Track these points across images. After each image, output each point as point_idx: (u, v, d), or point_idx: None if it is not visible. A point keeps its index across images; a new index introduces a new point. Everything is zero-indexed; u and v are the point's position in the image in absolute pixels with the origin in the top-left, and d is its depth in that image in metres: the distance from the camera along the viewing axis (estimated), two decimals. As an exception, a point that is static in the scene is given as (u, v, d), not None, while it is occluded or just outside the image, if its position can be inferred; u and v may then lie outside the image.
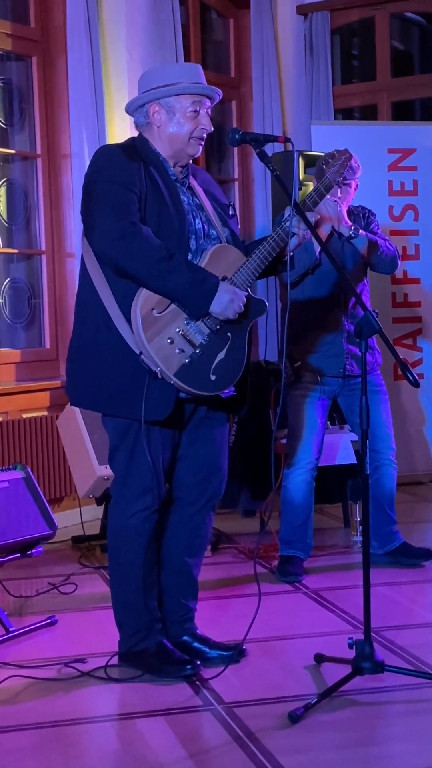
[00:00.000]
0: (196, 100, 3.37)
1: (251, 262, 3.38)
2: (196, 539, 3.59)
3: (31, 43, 5.86)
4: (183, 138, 3.38)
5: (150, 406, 3.27)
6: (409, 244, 6.54)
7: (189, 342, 3.26)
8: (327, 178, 3.61)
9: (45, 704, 3.28)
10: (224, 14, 7.29)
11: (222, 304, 3.25)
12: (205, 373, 3.28)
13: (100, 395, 3.36)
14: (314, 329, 4.63)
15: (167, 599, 3.58)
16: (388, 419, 4.73)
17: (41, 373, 5.85)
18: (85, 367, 3.39)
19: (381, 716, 3.14)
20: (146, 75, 3.47)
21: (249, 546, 5.13)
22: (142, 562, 3.44)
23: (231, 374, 3.34)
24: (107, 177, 3.28)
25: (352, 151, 4.45)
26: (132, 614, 3.49)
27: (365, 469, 3.31)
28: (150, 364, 3.23)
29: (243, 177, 7.30)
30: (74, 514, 5.47)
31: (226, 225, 3.48)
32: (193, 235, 3.37)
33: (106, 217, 3.22)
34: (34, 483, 4.17)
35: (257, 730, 3.03)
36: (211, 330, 3.30)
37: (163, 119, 3.39)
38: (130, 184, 3.26)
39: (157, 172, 3.36)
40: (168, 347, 3.23)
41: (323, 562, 4.85)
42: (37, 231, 5.97)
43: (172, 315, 3.26)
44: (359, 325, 3.27)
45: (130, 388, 3.28)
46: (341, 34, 7.87)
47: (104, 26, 5.96)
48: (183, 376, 3.24)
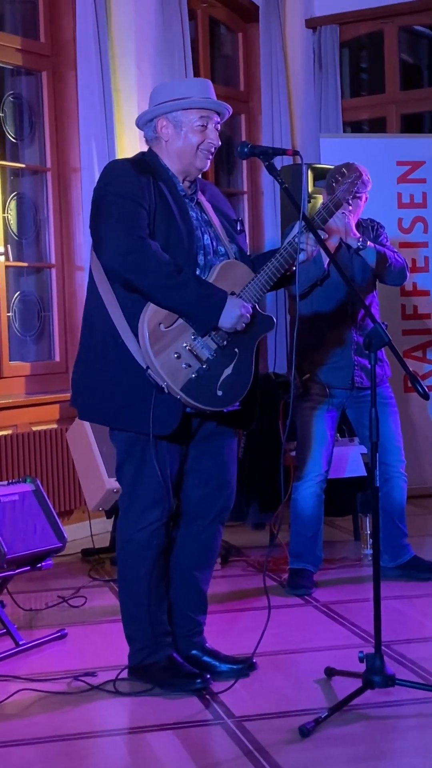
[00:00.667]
0: (203, 114, 3.38)
1: (259, 278, 3.38)
2: (205, 553, 3.59)
3: (41, 57, 5.89)
4: (190, 151, 3.38)
5: (157, 421, 3.26)
6: (418, 256, 6.54)
7: (196, 357, 3.26)
8: (337, 196, 3.61)
9: (54, 718, 3.28)
10: (233, 28, 7.31)
11: (231, 318, 3.26)
12: (212, 389, 3.28)
13: (108, 409, 3.37)
14: (323, 341, 4.63)
15: (176, 613, 3.57)
16: (397, 431, 4.72)
17: (51, 386, 5.86)
18: (92, 381, 3.40)
19: (392, 730, 3.13)
20: (156, 90, 3.48)
21: (259, 559, 5.12)
22: (150, 575, 3.43)
23: (238, 390, 3.34)
24: (116, 192, 3.29)
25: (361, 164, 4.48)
26: (141, 628, 3.48)
27: (375, 482, 3.30)
28: (157, 379, 3.23)
29: (252, 190, 7.31)
30: (84, 526, 5.47)
31: (234, 241, 3.48)
32: (201, 250, 3.37)
33: (115, 232, 3.23)
34: (43, 496, 4.17)
35: (267, 744, 3.02)
36: (218, 345, 3.30)
37: (170, 133, 3.40)
38: (139, 198, 3.27)
39: (166, 187, 3.36)
40: (175, 362, 3.23)
41: (333, 575, 4.83)
42: (47, 244, 5.99)
43: (179, 330, 3.26)
44: (369, 337, 3.27)
45: (137, 402, 3.28)
46: (350, 47, 7.89)
47: (114, 41, 5.99)
48: (189, 391, 3.24)
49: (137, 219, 3.24)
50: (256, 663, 3.58)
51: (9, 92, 5.88)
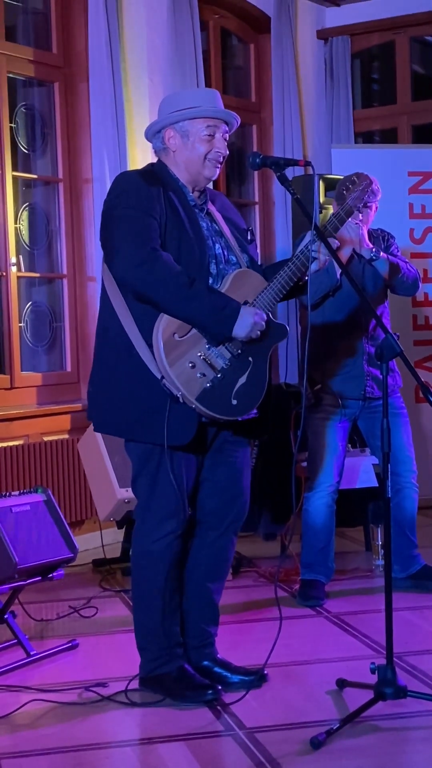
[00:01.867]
0: (210, 124, 3.38)
1: (272, 287, 3.38)
2: (218, 564, 3.58)
3: (54, 69, 5.91)
4: (198, 160, 3.39)
5: (172, 431, 3.27)
6: (430, 266, 6.53)
7: (210, 366, 3.27)
8: (348, 204, 3.61)
9: (66, 729, 3.27)
10: (245, 39, 7.33)
11: (245, 327, 3.26)
12: (227, 398, 3.28)
13: (123, 421, 3.37)
14: (334, 352, 4.62)
15: (188, 624, 3.57)
16: (408, 442, 4.71)
17: (62, 396, 5.86)
18: (107, 393, 3.40)
19: (404, 742, 3.11)
20: (164, 101, 3.50)
21: (270, 570, 5.12)
22: (164, 587, 3.43)
23: (252, 399, 3.34)
24: (127, 203, 3.29)
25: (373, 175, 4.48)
26: (153, 638, 3.48)
27: (387, 493, 3.29)
28: (171, 389, 3.23)
29: (263, 201, 7.32)
30: (95, 537, 5.47)
31: (245, 250, 3.48)
32: (213, 260, 3.37)
33: (126, 244, 3.23)
34: (55, 506, 4.17)
35: (279, 755, 3.01)
36: (232, 354, 3.31)
37: (178, 143, 3.40)
38: (150, 210, 3.27)
39: (177, 198, 3.37)
40: (189, 371, 3.23)
41: (345, 586, 4.82)
42: (59, 255, 6.00)
43: (193, 339, 3.26)
44: (380, 348, 3.26)
45: (152, 413, 3.28)
46: (361, 58, 7.90)
47: (126, 52, 6.01)
48: (204, 401, 3.24)
49: (148, 230, 3.25)
50: (268, 674, 3.57)
51: (21, 103, 5.90)
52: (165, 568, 3.42)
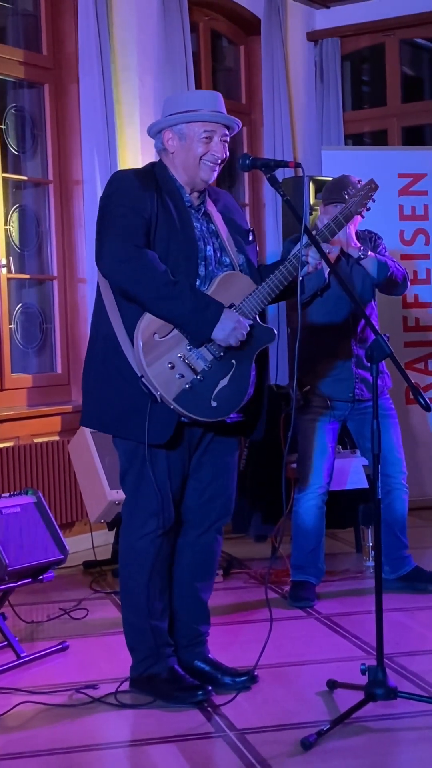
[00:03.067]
0: (208, 128, 3.39)
1: (260, 290, 3.38)
2: (204, 562, 3.59)
3: (44, 70, 5.91)
4: (194, 162, 3.39)
5: (152, 430, 3.28)
6: (420, 268, 6.55)
7: (190, 368, 3.27)
8: (348, 208, 3.62)
9: (56, 730, 3.27)
10: (235, 41, 7.34)
11: (225, 331, 3.26)
12: (206, 400, 3.29)
13: (107, 417, 3.40)
14: (323, 353, 4.63)
15: (177, 623, 3.58)
16: (398, 443, 4.72)
17: (53, 398, 5.86)
18: (94, 388, 3.43)
19: (394, 743, 3.12)
20: (166, 101, 3.52)
21: (261, 571, 5.12)
22: (149, 585, 3.44)
23: (233, 401, 3.34)
24: (117, 202, 3.32)
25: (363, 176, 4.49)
26: (141, 638, 3.49)
27: (377, 494, 3.30)
28: (150, 388, 3.25)
29: (254, 202, 7.33)
30: (86, 539, 5.46)
31: (242, 252, 3.49)
32: (203, 261, 3.37)
33: (113, 241, 3.26)
34: (45, 508, 4.17)
35: (270, 757, 3.01)
36: (214, 356, 3.31)
37: (176, 145, 3.42)
38: (139, 209, 3.29)
39: (172, 198, 3.38)
40: (168, 372, 3.24)
41: (335, 588, 4.83)
42: (49, 257, 6.00)
43: (174, 340, 3.27)
44: (370, 349, 3.27)
45: (134, 411, 3.30)
46: (351, 60, 7.91)
47: (116, 53, 6.01)
48: (182, 402, 3.25)
49: (136, 228, 3.27)
50: (258, 675, 3.57)
51: (11, 105, 5.89)
52: (149, 566, 3.42)
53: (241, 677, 3.52)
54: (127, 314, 3.31)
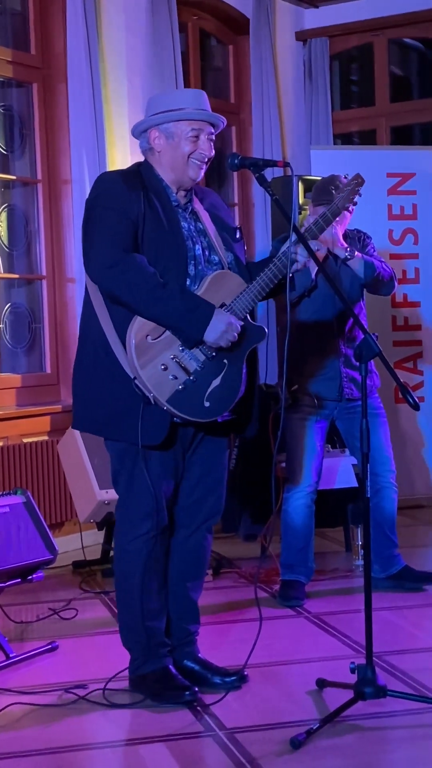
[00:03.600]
0: (195, 126, 3.39)
1: (251, 289, 3.38)
2: (193, 562, 3.59)
3: (32, 69, 5.90)
4: (182, 161, 3.39)
5: (145, 431, 3.28)
6: (408, 267, 6.56)
7: (183, 369, 3.27)
8: (336, 204, 3.62)
9: (45, 730, 3.27)
10: (223, 41, 7.34)
11: (216, 332, 3.26)
12: (199, 400, 3.29)
13: (99, 419, 3.39)
14: (311, 352, 4.63)
15: (167, 623, 3.57)
16: (387, 442, 4.73)
17: (42, 397, 5.85)
18: (84, 391, 3.42)
19: (383, 742, 3.12)
20: (151, 100, 3.50)
21: (250, 570, 5.12)
22: (142, 586, 3.43)
23: (226, 401, 3.34)
24: (103, 204, 3.31)
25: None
26: (135, 638, 3.49)
27: (366, 493, 3.30)
28: (143, 390, 3.24)
29: (243, 202, 7.33)
30: (75, 538, 5.46)
31: (230, 250, 3.48)
32: (192, 260, 3.37)
33: (100, 245, 3.26)
34: (34, 508, 4.16)
35: (259, 756, 3.01)
36: (206, 357, 3.31)
37: (162, 144, 3.41)
38: (126, 211, 3.28)
39: (158, 198, 3.37)
40: (161, 373, 3.24)
41: (325, 587, 4.83)
42: (38, 256, 5.99)
43: (166, 341, 3.27)
44: (359, 348, 3.28)
45: (126, 412, 3.30)
46: (340, 59, 7.92)
47: (104, 53, 6.00)
48: (176, 403, 3.25)
49: (123, 232, 3.27)
50: (248, 675, 3.57)
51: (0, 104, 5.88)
52: (142, 566, 3.42)
53: (231, 677, 3.52)
54: (117, 317, 3.30)
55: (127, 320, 3.26)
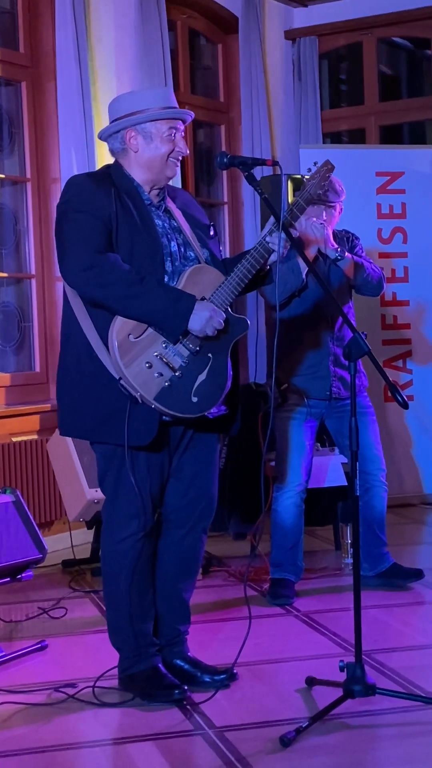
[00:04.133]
0: (171, 125, 3.40)
1: (230, 281, 3.38)
2: (186, 562, 3.58)
3: (21, 68, 5.89)
4: (161, 161, 3.40)
5: (133, 432, 3.27)
6: (398, 266, 6.57)
7: (168, 365, 3.27)
8: (307, 190, 3.61)
9: (35, 729, 3.26)
10: (213, 39, 7.33)
11: (201, 321, 3.25)
12: (186, 395, 3.28)
13: (86, 423, 3.38)
14: (300, 352, 4.63)
15: (159, 623, 3.57)
16: (376, 440, 4.74)
17: (31, 396, 5.84)
18: (70, 397, 3.41)
19: (373, 739, 3.13)
20: (118, 101, 3.47)
21: (240, 569, 5.12)
22: (130, 586, 3.43)
23: (213, 395, 3.34)
24: (75, 208, 3.31)
25: (340, 175, 4.50)
26: (124, 638, 3.49)
27: (355, 491, 3.31)
28: (130, 390, 3.23)
29: (232, 200, 7.33)
30: (64, 537, 5.45)
31: (206, 246, 3.48)
32: (168, 257, 3.37)
33: (74, 249, 3.25)
34: (23, 507, 4.16)
35: (248, 754, 3.01)
36: (190, 352, 3.30)
37: (140, 144, 3.40)
38: (97, 212, 3.28)
39: (130, 198, 3.37)
40: (146, 372, 3.23)
41: (314, 585, 4.84)
42: (27, 255, 5.98)
43: (149, 339, 3.26)
44: (348, 347, 3.28)
45: (113, 414, 3.28)
46: (329, 58, 7.93)
47: (93, 51, 6.00)
48: (163, 400, 3.24)
49: (96, 234, 3.26)
50: (237, 673, 3.57)
51: (-12, 103, 5.88)
52: (129, 568, 3.42)
53: (221, 675, 3.52)
54: (98, 320, 3.29)
55: (109, 322, 3.25)
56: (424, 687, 3.47)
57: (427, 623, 4.27)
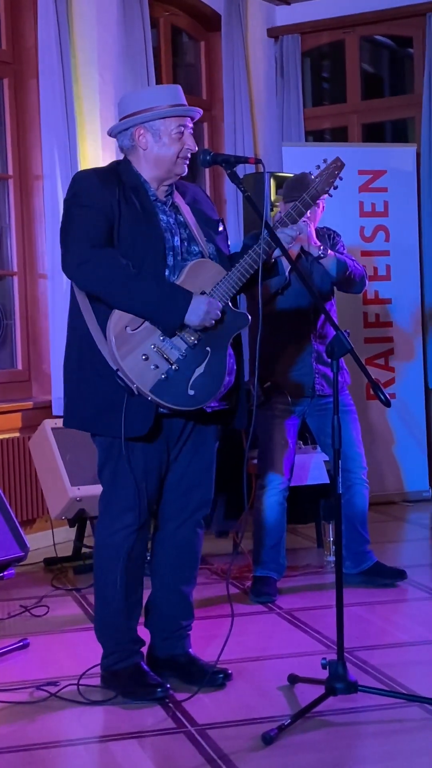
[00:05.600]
0: (180, 122, 3.41)
1: (230, 276, 3.39)
2: (182, 554, 3.59)
3: (3, 64, 5.87)
4: (170, 159, 3.41)
5: (130, 423, 3.29)
6: (380, 264, 6.58)
7: (164, 358, 3.28)
8: (314, 188, 3.62)
9: (17, 728, 3.26)
10: (195, 37, 7.33)
11: (199, 314, 3.27)
12: (183, 388, 3.30)
13: (86, 415, 3.41)
14: (283, 349, 4.63)
15: (157, 617, 3.60)
16: (358, 438, 4.74)
17: (13, 394, 5.83)
18: (72, 388, 3.45)
19: (355, 737, 3.14)
20: (127, 98, 3.49)
21: (222, 567, 5.12)
22: (121, 580, 3.44)
23: (211, 388, 3.35)
24: (78, 203, 3.34)
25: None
26: (110, 632, 3.50)
27: (338, 489, 3.31)
28: (126, 381, 3.25)
29: (215, 198, 7.32)
30: (47, 535, 5.44)
31: (212, 241, 3.49)
32: (170, 251, 3.38)
33: (74, 243, 3.30)
34: (5, 504, 4.15)
35: (231, 752, 3.02)
36: (188, 345, 3.32)
37: (149, 142, 3.41)
38: (100, 207, 3.30)
39: (135, 193, 3.38)
40: (142, 363, 3.25)
41: (296, 583, 4.84)
42: (9, 252, 5.96)
43: (146, 332, 3.28)
44: (331, 345, 3.29)
45: (111, 406, 3.31)
46: (312, 56, 7.93)
47: (76, 48, 5.98)
48: (159, 392, 3.26)
49: (95, 229, 3.29)
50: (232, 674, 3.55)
51: (-30, 99, 5.85)
52: (122, 560, 3.42)
53: (218, 674, 3.51)
54: (99, 311, 3.32)
55: (109, 314, 3.28)
56: (405, 684, 3.48)
57: (408, 620, 4.29)
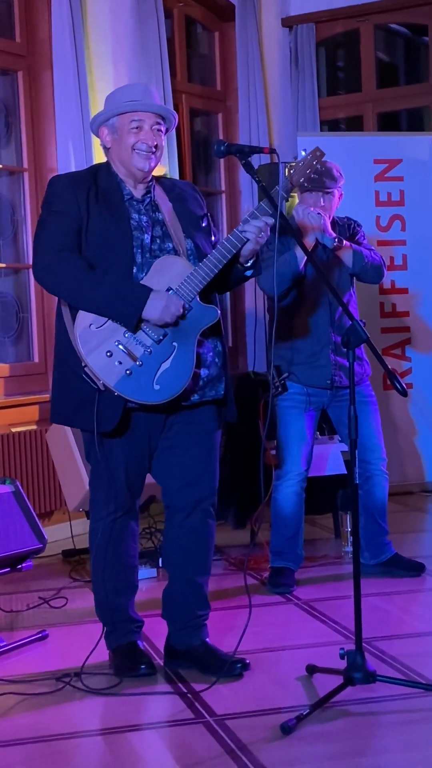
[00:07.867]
0: (135, 117, 3.44)
1: (198, 271, 3.39)
2: (193, 544, 3.62)
3: (17, 57, 5.87)
4: (126, 153, 3.45)
5: (100, 419, 3.38)
6: (396, 254, 6.56)
7: (129, 354, 3.34)
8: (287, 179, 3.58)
9: (36, 719, 3.27)
10: (209, 27, 7.31)
11: (157, 310, 3.31)
12: (148, 383, 3.35)
13: (65, 410, 3.52)
14: (300, 341, 4.62)
15: (171, 606, 3.65)
16: (378, 429, 4.73)
17: (30, 387, 5.84)
18: (55, 385, 3.57)
19: (373, 727, 3.13)
20: (105, 100, 3.57)
21: (239, 558, 5.13)
22: (106, 561, 3.58)
23: (176, 383, 3.38)
24: (49, 208, 3.47)
25: (338, 162, 4.48)
26: (102, 612, 3.66)
27: (354, 479, 3.31)
28: (93, 377, 3.34)
29: (230, 189, 7.31)
30: (64, 527, 5.46)
31: (191, 237, 3.49)
32: (139, 249, 3.42)
33: (41, 248, 3.43)
34: (23, 497, 4.16)
35: (249, 742, 3.02)
36: (153, 341, 3.36)
37: (111, 140, 3.50)
38: (67, 211, 3.40)
39: (108, 194, 3.45)
40: (106, 360, 3.33)
41: (314, 573, 4.84)
42: (25, 245, 5.97)
43: (110, 329, 3.35)
44: (347, 335, 3.28)
45: (85, 401, 3.40)
46: (326, 46, 7.91)
47: (90, 40, 5.98)
48: (124, 387, 3.33)
49: (60, 233, 3.40)
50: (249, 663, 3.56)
51: (-15, 93, 5.86)
52: (104, 546, 3.57)
53: (236, 664, 3.52)
54: (73, 312, 3.41)
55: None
56: (424, 674, 3.47)
57: (427, 611, 4.28)
